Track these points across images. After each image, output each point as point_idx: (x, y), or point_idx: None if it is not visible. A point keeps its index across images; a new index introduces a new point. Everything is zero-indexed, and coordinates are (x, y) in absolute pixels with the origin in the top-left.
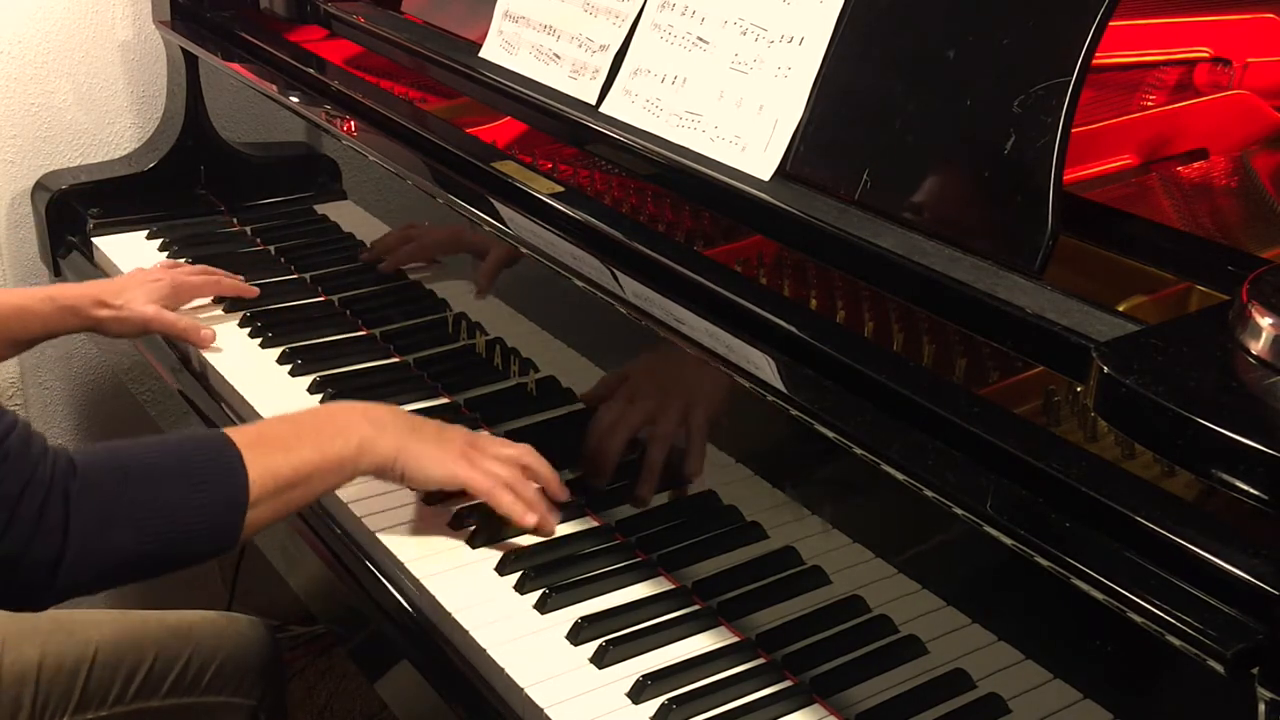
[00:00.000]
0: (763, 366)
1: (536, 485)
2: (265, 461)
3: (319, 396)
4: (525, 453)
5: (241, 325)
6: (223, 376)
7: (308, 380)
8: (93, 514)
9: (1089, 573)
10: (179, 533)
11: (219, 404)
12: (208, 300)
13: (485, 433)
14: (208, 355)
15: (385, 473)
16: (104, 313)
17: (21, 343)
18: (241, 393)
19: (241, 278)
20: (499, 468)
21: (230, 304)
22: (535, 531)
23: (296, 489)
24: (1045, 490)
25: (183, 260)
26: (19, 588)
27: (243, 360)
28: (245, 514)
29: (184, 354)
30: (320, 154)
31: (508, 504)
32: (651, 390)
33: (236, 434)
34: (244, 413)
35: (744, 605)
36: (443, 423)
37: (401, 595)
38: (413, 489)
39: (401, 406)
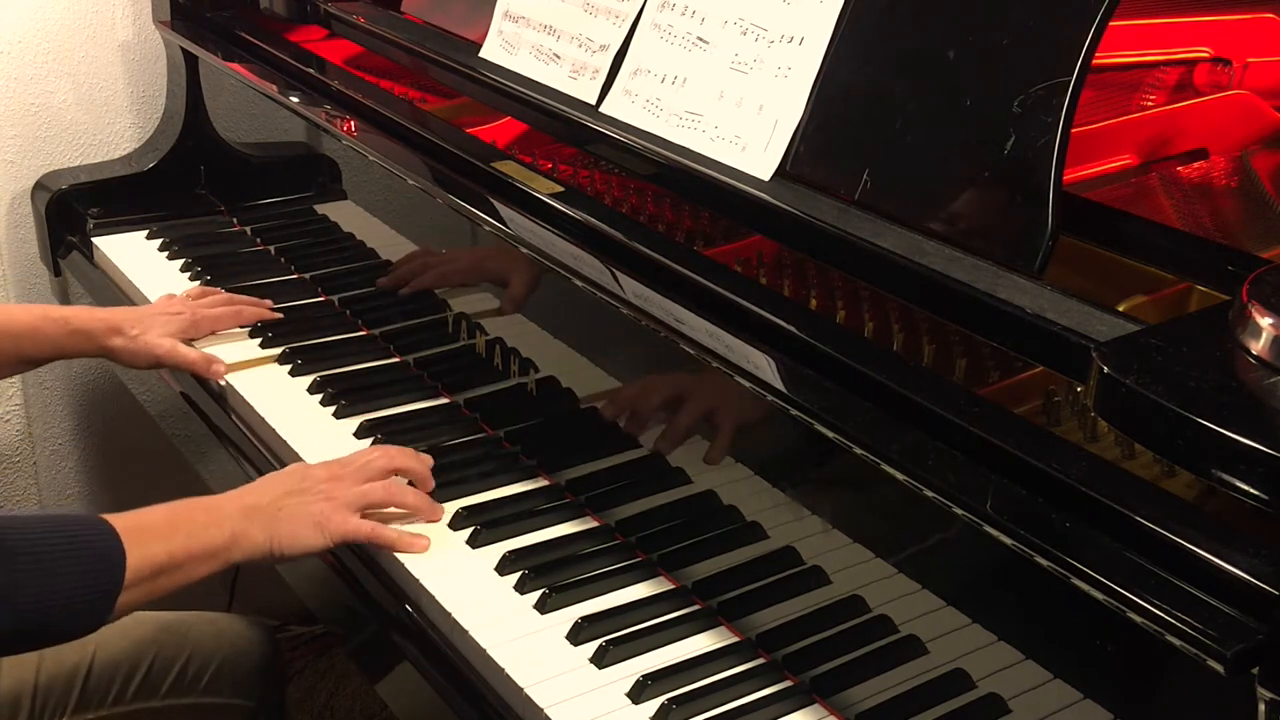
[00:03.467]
0: (763, 366)
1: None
2: (142, 549)
3: (319, 396)
4: (391, 458)
5: (241, 325)
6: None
7: (308, 380)
8: None
9: (1089, 573)
10: (51, 615)
11: (220, 405)
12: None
13: (348, 456)
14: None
15: (263, 561)
16: (118, 341)
17: (30, 361)
18: (242, 393)
19: (270, 303)
20: (374, 491)
21: None
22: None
23: (168, 576)
24: (1045, 490)
25: (198, 279)
26: None
27: (243, 361)
28: (118, 600)
29: None
30: (320, 154)
31: (392, 542)
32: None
33: (115, 520)
34: (244, 413)
35: (744, 605)
36: (304, 475)
37: (401, 595)
38: None
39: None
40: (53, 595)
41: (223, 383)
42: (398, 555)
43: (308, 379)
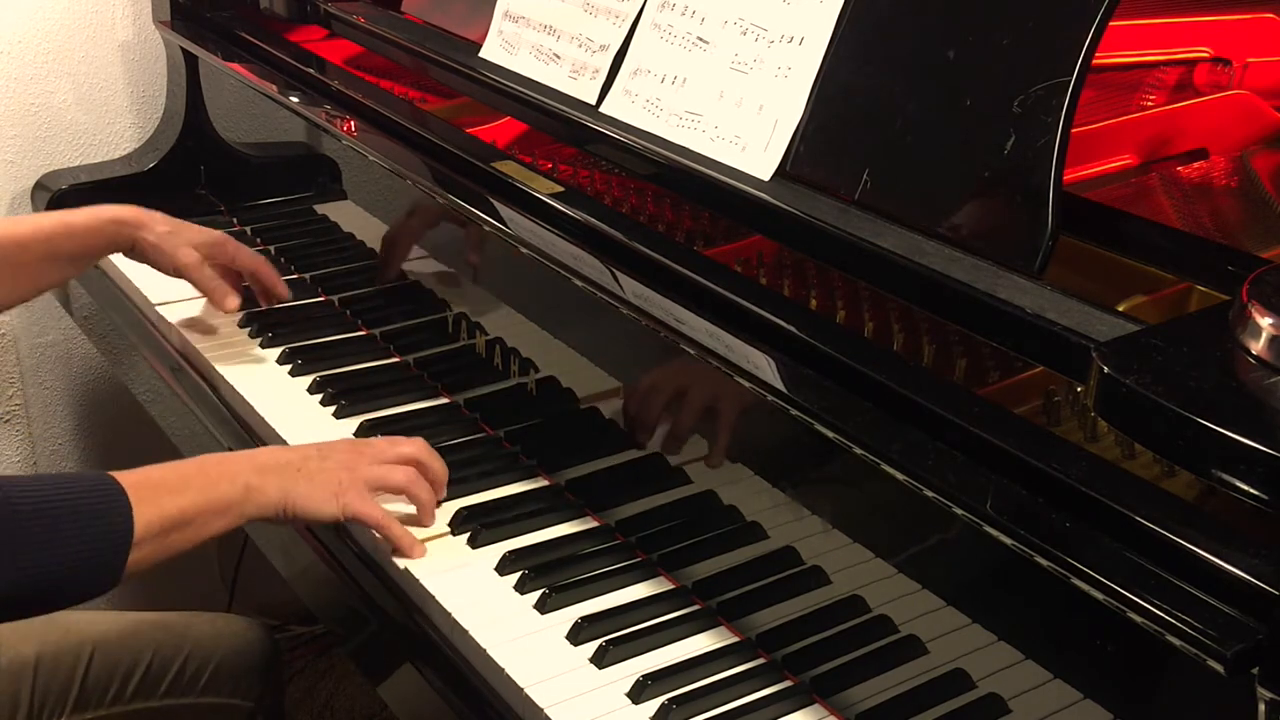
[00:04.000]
0: (763, 366)
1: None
2: (151, 505)
3: (319, 396)
4: (418, 451)
5: (241, 325)
6: (223, 377)
7: (308, 380)
8: None
9: (1089, 573)
10: (58, 574)
11: (220, 405)
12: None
13: (374, 439)
14: (208, 355)
15: (275, 519)
16: (149, 235)
17: (73, 259)
18: (242, 393)
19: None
20: (394, 474)
21: None
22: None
23: (180, 532)
24: (1045, 490)
25: None
26: None
27: (243, 361)
28: (129, 556)
29: (185, 355)
30: (320, 154)
31: (396, 538)
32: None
33: (124, 476)
34: (244, 414)
35: (744, 605)
36: (328, 446)
37: (401, 595)
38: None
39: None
40: (59, 555)
41: (222, 371)
42: (398, 556)
43: (308, 379)
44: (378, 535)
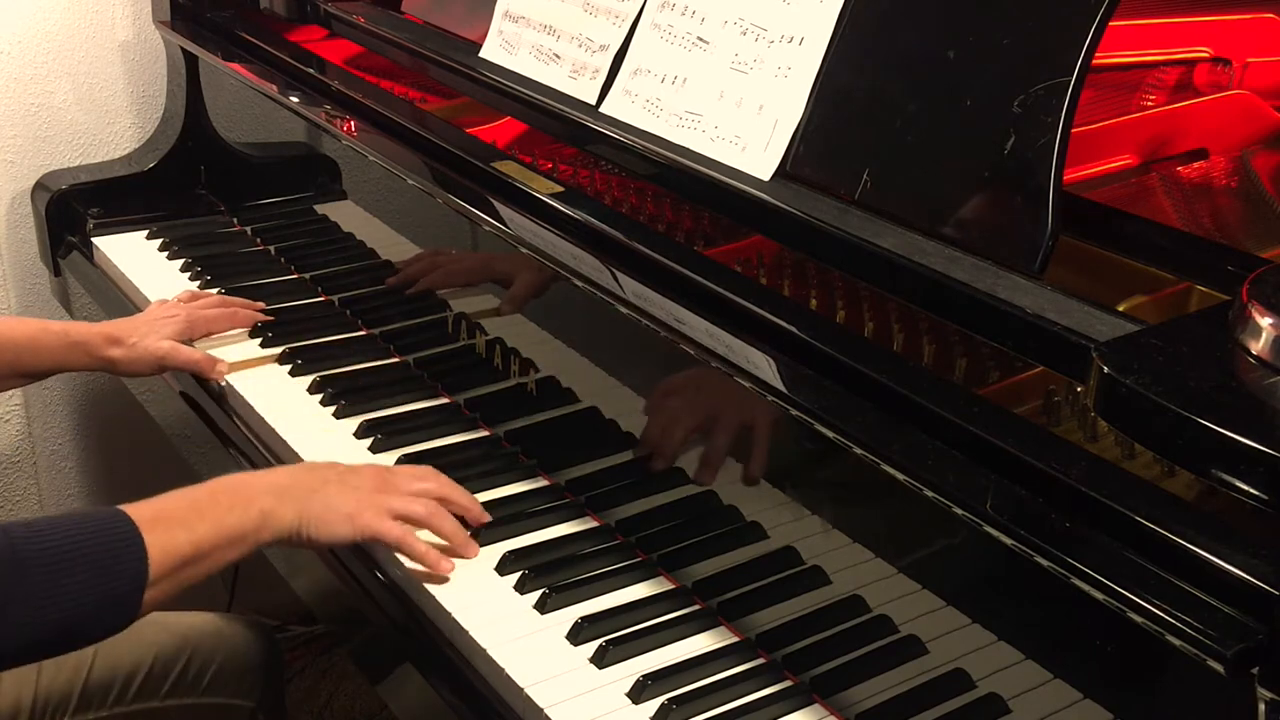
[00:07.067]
0: (763, 366)
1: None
2: (165, 541)
3: (319, 396)
4: (441, 485)
5: (236, 328)
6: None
7: (308, 380)
8: None
9: (1089, 573)
10: (74, 622)
11: (220, 405)
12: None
13: (400, 468)
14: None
15: (289, 541)
16: (116, 352)
17: (29, 375)
18: (242, 394)
19: (263, 306)
20: (414, 505)
21: None
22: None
23: (195, 565)
24: (1045, 490)
25: (198, 279)
26: None
27: (243, 361)
28: (144, 596)
29: None
30: (320, 154)
31: (420, 554)
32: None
33: (135, 511)
34: (244, 414)
35: (744, 605)
36: (350, 470)
37: (402, 595)
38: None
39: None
40: (72, 599)
41: (223, 383)
42: (398, 555)
43: (308, 379)
44: (404, 558)
